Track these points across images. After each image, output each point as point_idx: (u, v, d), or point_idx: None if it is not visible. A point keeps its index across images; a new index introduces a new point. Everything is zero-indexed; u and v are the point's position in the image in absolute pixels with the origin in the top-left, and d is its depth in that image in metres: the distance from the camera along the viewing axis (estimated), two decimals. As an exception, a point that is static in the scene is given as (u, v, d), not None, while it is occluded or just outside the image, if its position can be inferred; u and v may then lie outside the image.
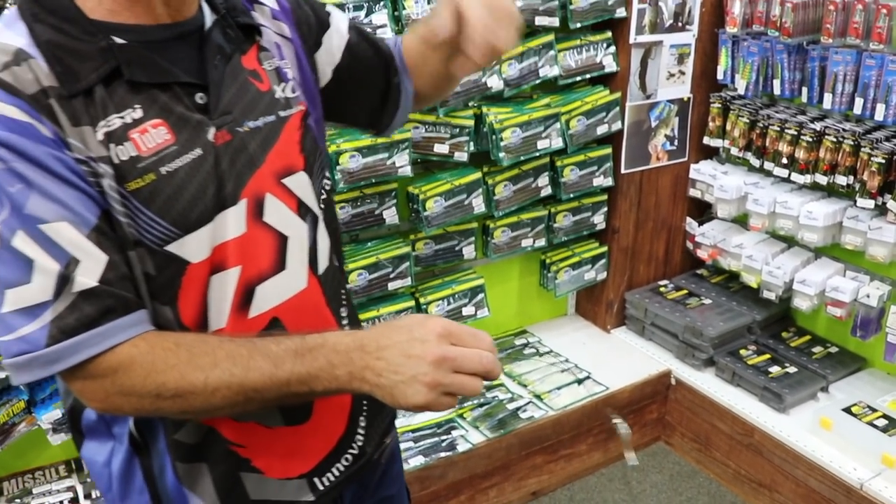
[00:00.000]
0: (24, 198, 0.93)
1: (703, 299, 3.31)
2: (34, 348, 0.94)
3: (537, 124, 2.82)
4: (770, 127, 2.98)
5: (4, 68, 0.94)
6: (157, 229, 1.01)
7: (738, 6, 2.99)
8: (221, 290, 1.09)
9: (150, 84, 1.01)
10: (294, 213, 1.16)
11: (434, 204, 2.69)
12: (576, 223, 3.17)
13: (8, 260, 0.94)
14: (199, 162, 1.04)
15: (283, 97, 1.17)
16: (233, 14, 1.14)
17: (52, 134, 0.94)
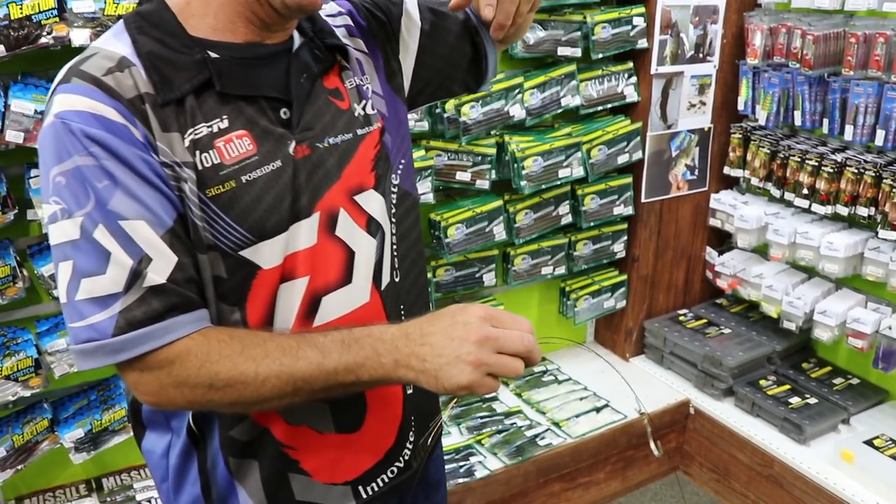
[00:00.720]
0: (110, 194, 0.99)
1: (723, 329, 3.31)
2: (102, 336, 0.99)
3: (559, 153, 2.85)
4: (791, 158, 2.99)
5: (108, 73, 1.01)
6: (233, 235, 1.06)
7: (760, 38, 3.01)
8: (290, 298, 1.13)
9: (237, 96, 1.07)
10: (363, 230, 1.21)
11: (455, 231, 2.71)
12: (596, 251, 3.18)
13: (87, 250, 0.99)
14: (279, 173, 1.09)
15: (362, 115, 1.22)
16: (320, 36, 1.20)
17: (142, 137, 1.00)
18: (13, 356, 2.18)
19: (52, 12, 2.00)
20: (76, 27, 2.02)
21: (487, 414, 2.96)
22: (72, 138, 0.98)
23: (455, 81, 1.47)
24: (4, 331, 2.22)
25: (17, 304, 2.25)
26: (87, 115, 0.98)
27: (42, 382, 2.24)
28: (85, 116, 0.98)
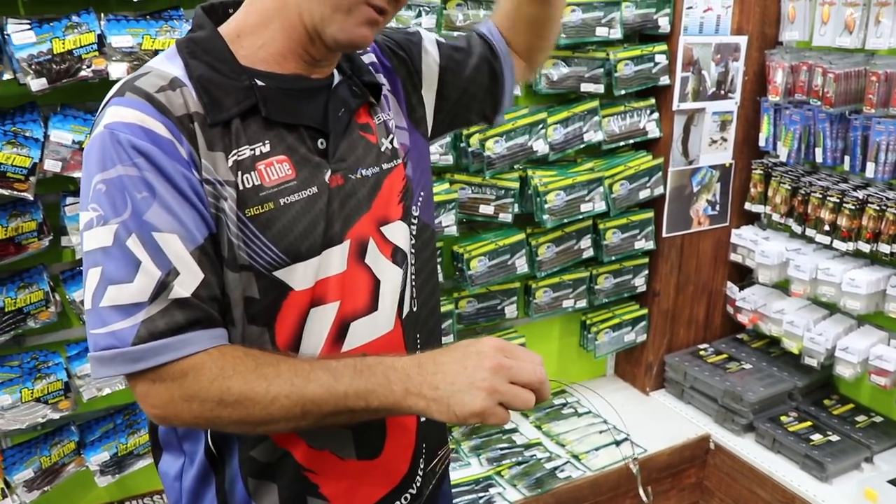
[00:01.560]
0: (147, 206, 1.02)
1: (744, 364, 3.30)
2: (121, 344, 1.00)
3: (581, 188, 2.88)
4: (812, 194, 3.00)
5: (160, 90, 1.06)
6: (268, 255, 1.10)
7: (781, 75, 3.04)
8: (321, 322, 1.16)
9: (279, 124, 1.12)
10: (389, 260, 1.25)
11: (478, 263, 2.75)
12: (617, 285, 3.20)
13: (118, 257, 1.01)
14: (314, 199, 1.13)
15: (389, 149, 1.27)
16: (357, 73, 1.26)
17: (187, 154, 1.05)
18: (44, 379, 2.23)
19: (92, 47, 2.07)
20: (114, 61, 2.09)
21: (507, 445, 2.96)
22: (118, 148, 1.02)
23: (472, 111, 1.51)
24: (36, 354, 2.27)
25: (49, 328, 2.30)
26: (136, 128, 1.02)
27: (71, 405, 2.28)
28: (134, 128, 1.02)
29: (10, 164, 2.04)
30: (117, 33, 2.10)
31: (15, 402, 2.19)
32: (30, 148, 2.06)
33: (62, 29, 2.05)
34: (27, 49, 2.01)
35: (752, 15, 3.14)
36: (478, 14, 2.62)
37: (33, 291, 2.21)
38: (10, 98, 2.14)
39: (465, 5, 2.61)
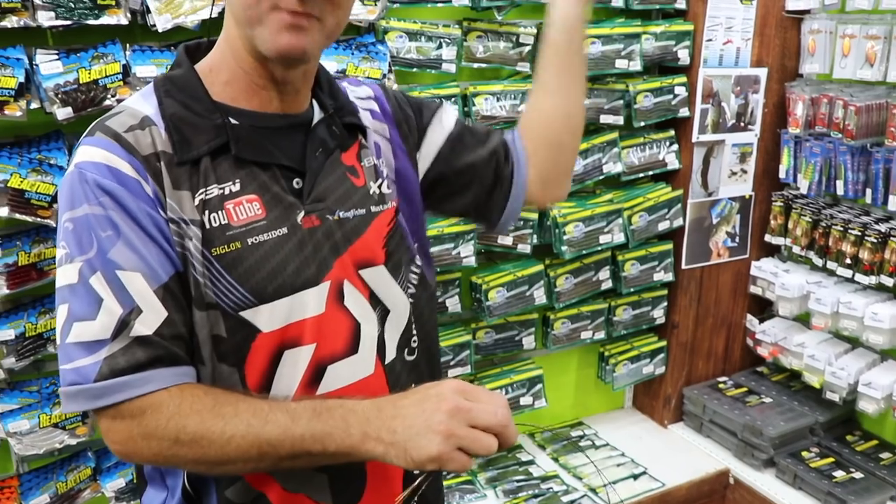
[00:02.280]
0: (111, 244, 1.03)
1: (764, 398, 3.26)
2: (84, 381, 1.01)
3: (600, 219, 2.88)
4: (833, 227, 2.98)
5: (129, 130, 1.07)
6: (234, 294, 1.09)
7: (801, 108, 3.03)
8: (294, 364, 1.15)
9: (252, 162, 1.12)
10: (367, 303, 1.23)
11: (496, 294, 2.74)
12: (635, 317, 3.18)
13: (82, 295, 1.03)
14: (284, 240, 1.12)
15: (377, 193, 1.26)
16: (340, 114, 1.25)
17: (152, 193, 1.06)
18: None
19: (117, 76, 2.10)
20: (138, 90, 2.11)
21: (524, 478, 2.94)
22: (85, 187, 1.03)
23: (465, 199, 1.44)
24: (55, 379, 2.28)
25: (69, 354, 2.31)
26: (103, 167, 1.04)
27: (88, 431, 2.29)
28: (100, 168, 1.04)
29: (34, 191, 2.07)
30: (142, 63, 2.13)
31: (33, 427, 2.20)
32: (54, 175, 2.09)
33: (88, 59, 2.08)
34: (54, 79, 2.04)
35: (771, 47, 3.14)
36: (498, 45, 2.64)
37: (54, 317, 2.21)
38: (37, 126, 2.16)
39: (486, 37, 2.63)
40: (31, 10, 1.99)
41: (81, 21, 2.04)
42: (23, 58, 2.02)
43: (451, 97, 2.58)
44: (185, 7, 2.15)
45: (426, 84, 2.60)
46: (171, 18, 2.12)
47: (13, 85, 2.00)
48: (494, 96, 2.66)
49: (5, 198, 2.05)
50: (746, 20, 3.05)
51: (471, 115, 2.63)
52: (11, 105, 2.02)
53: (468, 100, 2.63)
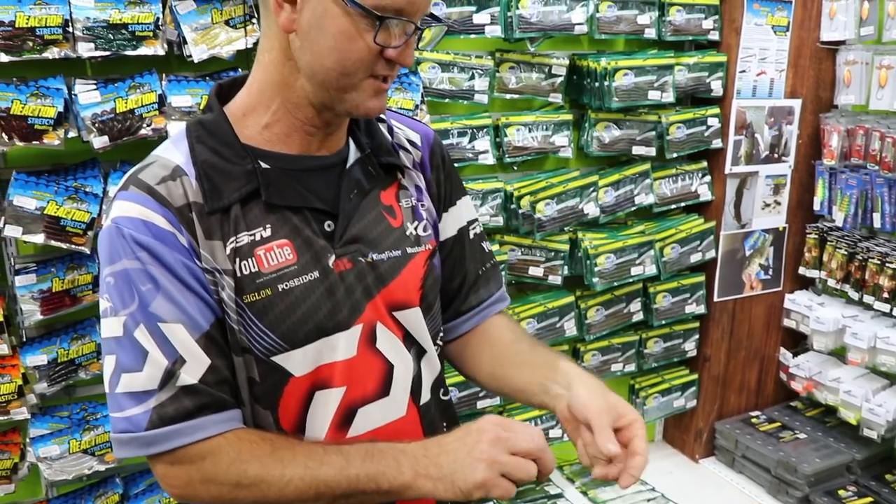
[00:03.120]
0: (152, 297, 1.05)
1: (798, 433, 3.20)
2: (136, 429, 1.05)
3: (631, 251, 2.86)
4: (870, 260, 2.94)
5: (161, 182, 1.08)
6: (266, 341, 1.10)
7: (836, 139, 3.00)
8: (324, 406, 1.16)
9: (283, 206, 1.12)
10: (402, 344, 1.23)
11: (526, 325, 2.72)
12: (667, 350, 3.15)
13: (128, 347, 1.06)
14: (315, 285, 1.12)
15: (414, 234, 1.25)
16: (377, 153, 1.24)
17: (187, 244, 1.07)
18: (92, 430, 2.25)
19: (153, 106, 2.13)
20: (173, 119, 2.15)
21: (553, 512, 2.90)
22: (123, 242, 1.05)
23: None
24: (85, 405, 2.30)
25: (99, 379, 2.32)
26: (139, 222, 1.06)
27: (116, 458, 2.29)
28: (136, 223, 1.06)
29: (70, 218, 2.09)
30: (177, 93, 2.15)
31: (63, 452, 2.22)
32: (89, 203, 2.11)
33: (126, 89, 2.11)
34: (92, 108, 2.07)
35: (806, 78, 3.12)
36: (530, 77, 2.64)
37: (86, 343, 2.24)
38: (73, 154, 2.20)
39: (518, 68, 2.63)
40: (71, 42, 2.03)
41: (120, 52, 2.07)
42: (62, 88, 2.06)
43: (483, 128, 2.58)
44: (221, 38, 2.17)
45: (458, 114, 2.61)
46: (206, 49, 2.15)
47: (52, 114, 2.03)
48: (526, 127, 2.66)
49: (41, 225, 2.08)
50: (780, 51, 3.03)
51: (503, 145, 2.63)
52: (50, 134, 2.05)
53: (500, 130, 2.64)
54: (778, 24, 3.00)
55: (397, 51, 1.07)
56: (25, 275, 2.13)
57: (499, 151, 2.65)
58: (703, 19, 2.90)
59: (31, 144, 2.04)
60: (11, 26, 1.96)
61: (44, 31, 2.00)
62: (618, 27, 2.73)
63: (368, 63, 1.07)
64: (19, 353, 2.16)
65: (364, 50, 1.05)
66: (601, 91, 2.69)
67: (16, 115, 2.01)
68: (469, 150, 2.57)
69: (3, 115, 2.00)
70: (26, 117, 2.02)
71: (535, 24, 2.55)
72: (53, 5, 2.01)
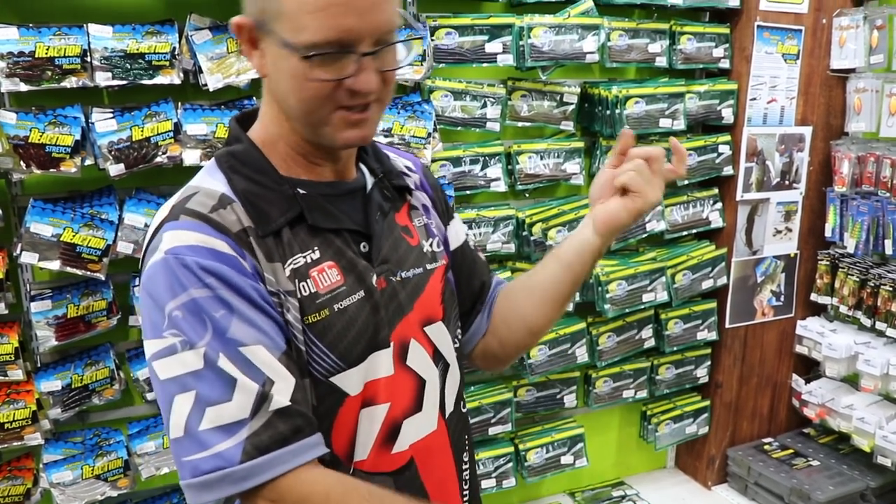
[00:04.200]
0: (228, 322, 1.01)
1: (811, 460, 3.18)
2: (229, 464, 0.98)
3: (643, 277, 2.86)
4: (882, 286, 2.93)
5: (213, 210, 1.06)
6: (326, 361, 1.09)
7: (847, 166, 3.00)
8: (370, 424, 1.15)
9: (325, 229, 1.12)
10: (431, 360, 1.23)
11: (538, 352, 2.72)
12: (678, 376, 3.14)
13: (212, 379, 1.00)
14: (363, 304, 1.13)
15: (430, 251, 1.27)
16: (389, 177, 1.26)
17: (251, 268, 1.05)
18: (105, 456, 2.26)
19: (168, 134, 2.15)
20: (189, 148, 2.16)
21: (564, 539, 2.89)
22: (186, 272, 1.01)
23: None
24: (99, 431, 2.30)
25: (112, 405, 2.34)
26: (201, 249, 1.02)
27: (129, 484, 2.30)
28: (198, 250, 1.02)
29: (85, 245, 2.11)
30: (193, 122, 2.18)
31: (76, 478, 2.22)
32: (105, 230, 2.13)
33: (142, 117, 2.13)
34: (108, 136, 2.10)
35: (816, 106, 3.13)
36: (542, 104, 2.66)
37: (99, 369, 2.25)
38: (90, 182, 2.22)
39: (530, 96, 2.65)
40: (89, 71, 2.05)
41: (136, 81, 2.10)
42: (80, 116, 2.08)
43: (495, 155, 2.60)
44: (236, 67, 2.20)
45: (470, 142, 2.62)
46: (222, 78, 2.17)
47: (70, 142, 2.06)
48: (538, 154, 2.67)
49: (57, 251, 2.10)
50: (791, 79, 3.05)
51: (515, 172, 2.64)
52: (67, 162, 2.07)
53: (512, 158, 2.65)
54: (788, 53, 3.01)
55: (354, 79, 1.03)
56: (41, 301, 2.15)
57: (511, 179, 2.66)
58: (714, 48, 2.92)
59: (49, 172, 2.07)
60: (31, 56, 2.00)
61: (62, 61, 2.03)
62: (629, 56, 2.75)
63: (326, 97, 1.04)
64: (34, 378, 2.18)
65: (315, 87, 1.03)
66: (612, 119, 2.71)
67: (34, 144, 2.04)
68: (481, 177, 2.58)
69: (22, 143, 2.03)
70: (44, 145, 2.05)
71: (547, 52, 2.57)
72: (72, 35, 2.04)
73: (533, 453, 2.83)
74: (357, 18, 1.00)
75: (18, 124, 2.03)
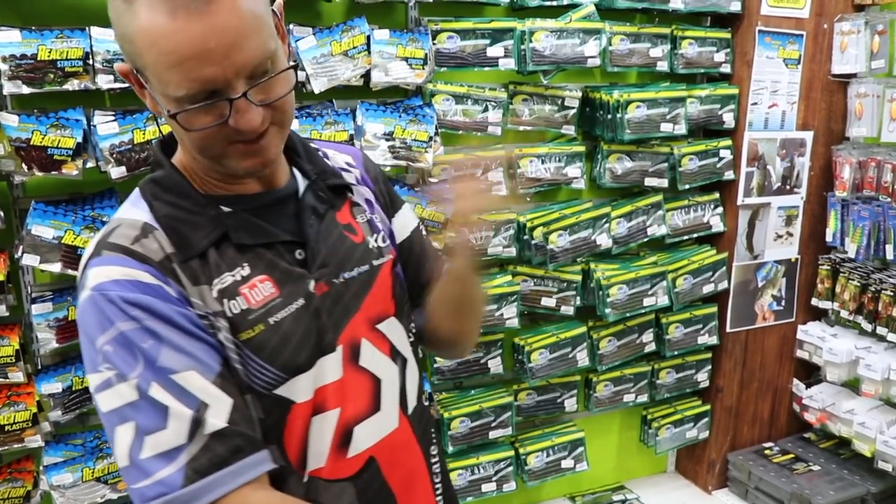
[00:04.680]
0: (157, 352, 1.02)
1: (812, 465, 3.18)
2: (171, 490, 0.99)
3: (644, 282, 2.86)
4: (883, 291, 2.93)
5: (135, 241, 1.06)
6: (266, 375, 1.10)
7: (848, 171, 3.01)
8: (322, 430, 1.15)
9: (254, 244, 1.12)
10: (387, 357, 1.24)
11: (539, 356, 2.72)
12: (679, 380, 3.14)
13: (146, 409, 1.01)
14: (302, 312, 1.13)
15: (376, 246, 1.27)
16: (323, 177, 1.25)
17: (177, 293, 1.05)
18: (105, 459, 2.26)
19: (170, 137, 2.14)
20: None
21: (564, 543, 2.89)
22: (111, 306, 1.02)
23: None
24: (99, 433, 2.30)
25: (113, 409, 2.33)
26: (124, 282, 1.02)
27: (130, 487, 2.29)
28: (122, 283, 1.02)
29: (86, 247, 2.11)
30: (195, 125, 2.17)
31: (76, 480, 2.22)
32: (107, 233, 2.12)
33: (143, 120, 2.14)
34: (110, 139, 2.10)
35: (817, 111, 3.13)
36: (543, 109, 2.66)
37: (101, 372, 2.25)
38: (92, 184, 2.22)
39: (531, 100, 2.66)
40: (91, 74, 2.06)
41: (139, 84, 2.10)
42: (81, 119, 2.08)
43: (497, 159, 2.59)
44: (239, 70, 2.19)
45: (472, 146, 2.63)
46: (224, 81, 2.17)
47: (71, 145, 2.06)
48: (539, 158, 2.67)
49: (58, 254, 2.10)
50: (792, 84, 3.05)
51: (516, 177, 2.65)
52: (69, 164, 2.08)
53: (513, 162, 2.65)
54: (789, 58, 3.01)
55: (234, 120, 1.01)
56: (42, 303, 2.15)
57: (512, 183, 2.66)
58: (715, 52, 2.92)
59: (50, 174, 2.07)
60: (34, 59, 2.00)
61: (65, 64, 2.03)
62: (630, 60, 2.75)
63: (214, 138, 1.03)
64: (34, 380, 2.17)
65: (198, 134, 1.02)
66: (614, 123, 2.71)
67: (36, 146, 2.04)
68: (482, 181, 2.58)
69: (24, 145, 2.03)
70: (46, 148, 2.05)
71: (549, 57, 2.57)
72: (75, 38, 2.04)
73: (533, 457, 2.83)
74: (216, 67, 0.97)
75: (20, 126, 2.03)
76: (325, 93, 2.33)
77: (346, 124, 2.33)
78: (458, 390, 2.75)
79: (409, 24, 2.47)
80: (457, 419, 2.64)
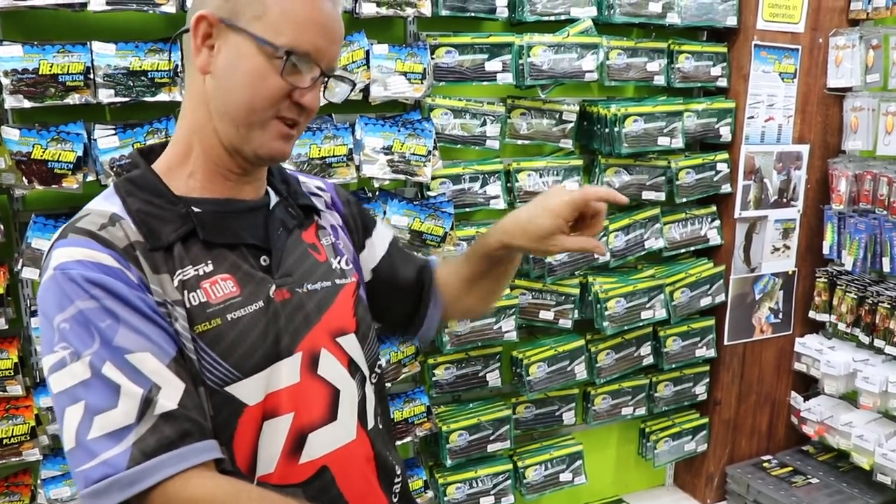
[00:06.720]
0: (114, 332, 1.03)
1: (810, 478, 3.18)
2: (115, 471, 0.98)
3: (642, 295, 2.87)
4: (880, 304, 2.94)
5: (101, 228, 1.09)
6: (219, 370, 1.11)
7: (844, 184, 3.02)
8: (273, 435, 1.16)
9: (220, 244, 1.15)
10: (345, 369, 1.25)
11: (537, 369, 2.73)
12: (677, 393, 3.14)
13: (98, 387, 1.01)
14: (260, 313, 1.15)
15: (339, 268, 1.30)
16: (294, 197, 1.30)
17: (137, 279, 1.07)
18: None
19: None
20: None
21: (563, 557, 2.88)
22: (72, 285, 1.03)
23: (391, 313, 1.51)
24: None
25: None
26: (87, 263, 1.05)
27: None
28: (84, 264, 1.04)
29: (86, 261, 2.11)
30: (195, 139, 2.18)
31: (74, 494, 2.21)
32: (106, 247, 2.13)
33: (143, 134, 2.14)
34: (110, 153, 2.10)
35: (813, 124, 3.15)
36: (541, 123, 2.68)
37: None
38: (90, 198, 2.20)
39: (529, 114, 2.67)
40: (92, 88, 2.07)
41: (139, 98, 2.11)
42: (82, 133, 2.09)
43: (495, 173, 2.61)
44: (239, 85, 2.21)
45: (470, 160, 2.64)
46: (224, 96, 2.18)
47: (72, 159, 2.07)
48: (537, 172, 2.69)
49: (58, 267, 2.10)
50: (788, 97, 3.07)
51: (514, 190, 2.66)
52: (69, 178, 2.08)
53: (511, 175, 2.66)
54: (785, 72, 3.04)
55: (303, 93, 1.13)
56: (41, 317, 2.15)
57: (510, 196, 2.67)
58: (712, 66, 2.94)
59: (51, 188, 2.07)
60: (35, 73, 2.01)
61: (66, 78, 2.04)
62: (627, 74, 2.77)
63: (276, 101, 1.12)
64: (33, 394, 2.17)
65: (272, 87, 1.11)
66: (611, 137, 2.73)
67: (36, 160, 2.05)
68: (480, 195, 2.60)
69: (25, 159, 2.04)
70: (46, 161, 2.06)
71: (546, 71, 2.59)
72: (76, 53, 2.05)
73: (531, 470, 2.83)
74: (327, 42, 1.14)
75: (21, 140, 2.04)
76: (324, 107, 2.33)
77: (345, 138, 2.34)
78: (456, 403, 2.75)
79: (407, 39, 2.49)
80: (455, 432, 2.64)
